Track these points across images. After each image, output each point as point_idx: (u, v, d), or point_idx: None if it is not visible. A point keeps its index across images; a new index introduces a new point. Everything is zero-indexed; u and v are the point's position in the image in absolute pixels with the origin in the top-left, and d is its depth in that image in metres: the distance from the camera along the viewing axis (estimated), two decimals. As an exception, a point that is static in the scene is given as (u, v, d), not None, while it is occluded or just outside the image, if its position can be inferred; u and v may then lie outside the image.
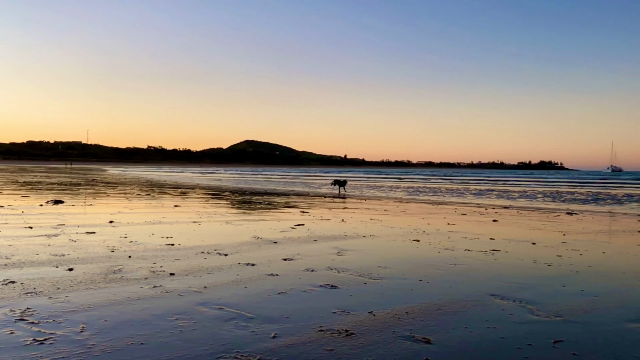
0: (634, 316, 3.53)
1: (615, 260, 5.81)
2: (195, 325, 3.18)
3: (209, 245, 6.19)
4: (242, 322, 3.27)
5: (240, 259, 5.36)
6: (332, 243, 6.69)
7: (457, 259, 5.71)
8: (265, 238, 6.97)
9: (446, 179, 52.31)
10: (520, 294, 4.13)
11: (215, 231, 7.73)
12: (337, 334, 3.07)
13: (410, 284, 4.40)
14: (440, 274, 4.86)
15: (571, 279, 4.73)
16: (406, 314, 3.51)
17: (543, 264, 5.47)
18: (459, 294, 4.08)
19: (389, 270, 4.96)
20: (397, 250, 6.30)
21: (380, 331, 3.14)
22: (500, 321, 3.39)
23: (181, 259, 5.31)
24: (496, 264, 5.45)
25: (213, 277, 4.48)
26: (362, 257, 5.72)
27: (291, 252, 5.91)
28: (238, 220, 9.45)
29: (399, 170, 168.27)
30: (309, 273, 4.77)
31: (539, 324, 3.33)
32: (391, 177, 57.76)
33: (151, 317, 3.31)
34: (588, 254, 6.19)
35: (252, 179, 45.03)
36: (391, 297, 3.95)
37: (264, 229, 8.00)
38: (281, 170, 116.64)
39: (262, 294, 3.98)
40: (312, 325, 3.23)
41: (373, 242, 6.90)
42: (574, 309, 3.70)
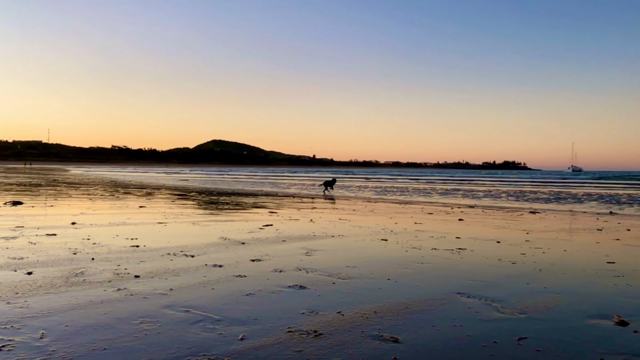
0: (593, 312, 3.63)
1: (576, 258, 5.97)
2: (160, 328, 3.11)
3: (175, 247, 6.08)
4: (209, 324, 3.21)
5: (207, 260, 5.28)
6: (300, 243, 6.67)
7: (424, 257, 5.77)
8: (232, 239, 6.90)
9: (413, 179, 52.96)
10: (486, 291, 4.19)
11: (182, 232, 7.60)
12: (306, 335, 3.06)
13: (378, 284, 4.42)
14: (408, 273, 4.90)
15: (534, 277, 4.84)
16: (375, 313, 3.52)
17: (507, 262, 5.58)
18: (427, 293, 4.12)
19: (358, 270, 4.97)
20: (365, 249, 6.33)
21: (349, 331, 3.14)
22: (466, 319, 3.43)
23: (146, 260, 5.20)
24: (462, 263, 5.53)
25: (179, 279, 4.40)
26: (331, 257, 5.72)
27: (259, 252, 5.86)
28: (205, 221, 9.33)
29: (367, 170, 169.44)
30: (278, 274, 4.74)
31: (504, 322, 3.39)
32: (359, 177, 58.11)
33: (115, 321, 3.22)
34: (550, 252, 6.34)
35: (219, 179, 44.58)
36: (360, 297, 3.95)
37: (232, 230, 7.92)
38: (249, 170, 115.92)
39: (229, 295, 3.93)
40: (281, 327, 3.20)
41: (342, 242, 6.91)
42: (538, 306, 3.78)
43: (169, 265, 5.00)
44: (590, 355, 2.79)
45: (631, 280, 4.73)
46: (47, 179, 31.25)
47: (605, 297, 4.10)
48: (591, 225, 10.04)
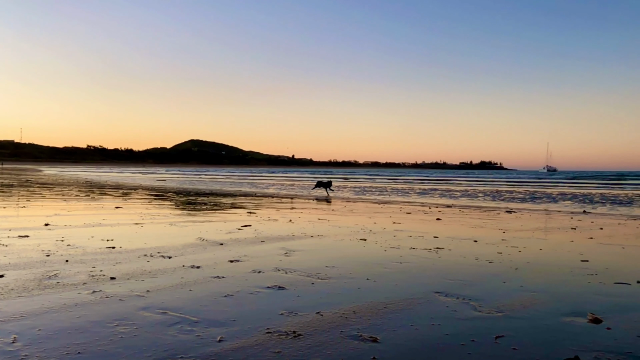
0: (568, 310, 3.69)
1: (551, 257, 6.07)
2: (137, 331, 3.05)
3: (152, 248, 6.00)
4: (186, 326, 3.17)
5: (185, 262, 5.22)
6: (279, 244, 6.64)
7: (402, 257, 5.80)
8: (210, 239, 6.83)
9: (391, 179, 53.28)
10: (464, 290, 4.23)
11: (159, 233, 7.51)
12: (285, 336, 3.04)
13: (357, 283, 4.43)
14: (387, 273, 4.91)
15: (511, 275, 4.90)
16: (354, 313, 3.52)
17: (484, 261, 5.64)
18: (405, 292, 4.14)
19: (337, 270, 4.97)
20: (344, 249, 6.33)
21: (328, 331, 3.13)
22: (444, 318, 3.45)
23: (122, 262, 5.11)
24: (440, 262, 5.57)
25: (156, 281, 4.34)
26: (310, 257, 5.71)
27: (238, 253, 5.82)
28: (182, 221, 9.22)
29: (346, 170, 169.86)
30: (256, 274, 4.70)
31: (482, 320, 3.42)
32: (338, 177, 58.21)
33: (89, 324, 3.16)
34: (526, 251, 6.44)
35: (197, 179, 44.19)
36: (339, 297, 3.95)
37: (210, 231, 7.84)
38: (227, 170, 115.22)
39: (207, 296, 3.88)
40: (259, 328, 3.17)
41: (321, 242, 6.90)
42: (514, 304, 3.83)
43: (145, 266, 4.93)
44: (565, 352, 2.83)
45: (604, 278, 4.83)
46: (20, 180, 30.57)
47: (580, 295, 4.18)
48: (565, 224, 10.22)
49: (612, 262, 5.74)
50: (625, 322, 3.41)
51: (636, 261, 5.84)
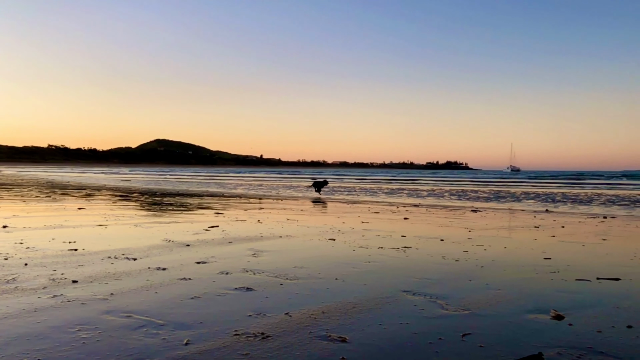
0: (532, 307, 3.77)
1: (515, 255, 6.20)
2: (100, 335, 2.97)
3: (116, 250, 5.86)
4: (152, 329, 3.10)
5: (151, 263, 5.11)
6: (247, 244, 6.58)
7: (371, 256, 5.83)
8: (177, 241, 6.72)
9: (360, 179, 53.61)
10: (431, 289, 4.27)
11: (124, 234, 7.34)
12: (253, 338, 3.00)
13: (326, 283, 4.42)
14: (356, 272, 4.93)
15: (477, 274, 4.98)
16: (322, 313, 3.51)
17: (451, 260, 5.72)
18: (374, 292, 4.15)
19: (306, 270, 4.96)
20: (313, 249, 6.32)
21: (297, 332, 3.11)
22: (412, 317, 3.48)
23: (85, 264, 4.97)
24: (408, 261, 5.62)
25: (120, 283, 4.23)
26: (279, 257, 5.67)
27: (205, 254, 5.74)
28: (148, 222, 9.05)
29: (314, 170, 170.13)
30: (224, 276, 4.65)
31: (449, 318, 3.46)
32: (307, 177, 58.22)
33: (50, 329, 3.05)
34: (491, 249, 6.56)
35: (163, 179, 43.50)
36: (307, 297, 3.93)
37: (176, 232, 7.72)
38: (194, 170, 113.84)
39: (174, 299, 3.81)
40: (227, 330, 3.13)
41: (289, 243, 6.87)
42: (480, 302, 3.89)
43: (109, 269, 4.80)
44: (529, 348, 2.89)
45: (566, 275, 4.96)
46: (-23, 180, 29.45)
47: (543, 292, 4.27)
48: (529, 222, 10.47)
49: (573, 259, 5.90)
50: (586, 317, 3.51)
51: (596, 258, 6.02)
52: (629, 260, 5.90)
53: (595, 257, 6.13)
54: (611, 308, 3.76)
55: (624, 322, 3.40)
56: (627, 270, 5.25)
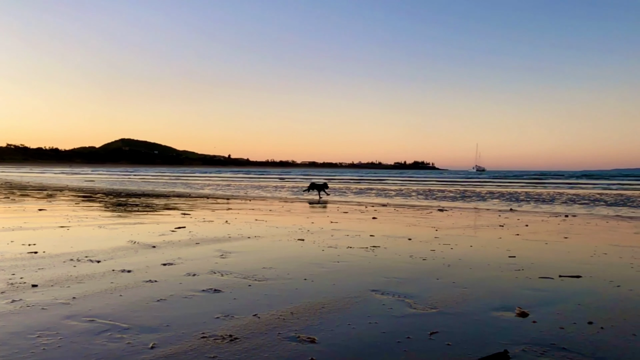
0: (497, 305, 3.84)
1: (481, 253, 6.31)
2: (61, 341, 2.87)
3: (78, 252, 5.69)
4: (116, 333, 3.02)
5: (115, 266, 4.99)
6: (215, 245, 6.50)
7: (340, 256, 5.83)
8: (142, 242, 6.58)
9: (328, 179, 53.74)
10: (399, 288, 4.30)
11: (87, 236, 7.15)
12: (221, 340, 2.96)
13: (295, 284, 4.40)
14: (325, 272, 4.92)
15: (444, 272, 5.04)
16: (291, 314, 3.49)
17: (419, 259, 5.77)
18: (343, 291, 4.16)
19: (274, 271, 4.92)
20: (282, 250, 6.29)
21: (265, 334, 3.08)
22: (381, 316, 3.49)
23: (46, 268, 4.81)
24: (376, 260, 5.65)
25: (83, 287, 4.11)
26: (247, 258, 5.62)
27: (171, 256, 5.64)
28: (112, 224, 8.84)
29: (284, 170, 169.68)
30: (191, 278, 4.57)
31: (417, 317, 3.49)
32: (275, 177, 58.02)
33: (8, 336, 2.93)
34: (458, 248, 6.66)
35: (128, 179, 42.65)
36: (276, 298, 3.90)
37: (142, 233, 7.56)
38: (160, 170, 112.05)
39: (139, 302, 3.72)
40: (194, 333, 3.08)
41: (258, 243, 6.82)
42: (447, 300, 3.94)
43: (71, 272, 4.66)
44: (495, 346, 2.94)
45: (530, 273, 5.07)
46: None
47: (508, 289, 4.36)
48: (494, 221, 10.68)
49: (536, 257, 6.04)
50: (549, 314, 3.59)
51: (558, 256, 6.18)
52: (589, 257, 6.08)
53: (557, 255, 6.29)
54: (573, 305, 3.86)
55: (585, 318, 3.50)
56: (588, 267, 5.41)
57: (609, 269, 5.32)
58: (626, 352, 2.88)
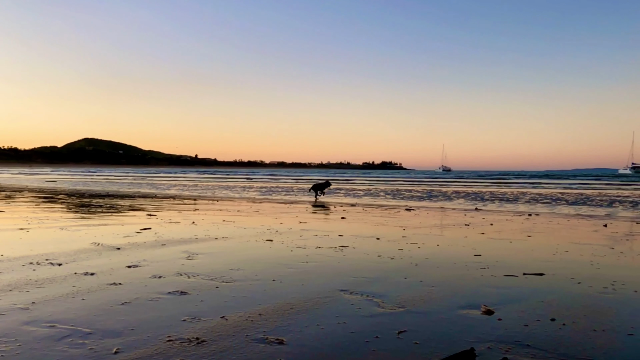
0: (464, 303, 3.89)
1: (447, 252, 6.40)
2: (20, 348, 2.77)
3: (39, 255, 5.51)
4: (78, 339, 2.93)
5: (77, 269, 4.85)
6: (181, 247, 6.39)
7: (308, 256, 5.82)
8: (106, 244, 6.42)
9: (298, 179, 53.67)
10: (367, 287, 4.32)
11: (48, 238, 6.93)
12: (187, 343, 2.91)
13: (263, 285, 4.36)
14: (293, 273, 4.90)
15: (411, 271, 5.09)
16: (259, 315, 3.46)
17: (387, 258, 5.81)
18: (311, 292, 4.14)
19: (242, 272, 4.87)
20: (250, 251, 6.24)
21: (233, 336, 3.05)
22: (349, 316, 3.50)
23: (4, 272, 4.64)
24: (345, 260, 5.66)
25: (44, 291, 3.98)
26: (214, 260, 5.55)
27: (136, 258, 5.52)
28: (75, 225, 8.60)
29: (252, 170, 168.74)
30: (157, 280, 4.48)
31: (385, 316, 3.50)
32: (243, 177, 57.63)
33: (-38, 343, 2.81)
34: (425, 247, 6.73)
35: (91, 180, 41.66)
36: (244, 300, 3.86)
37: (106, 235, 7.38)
38: (125, 170, 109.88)
39: (102, 305, 3.63)
40: (160, 336, 3.01)
41: (226, 244, 6.74)
42: (415, 299, 3.97)
43: (31, 275, 4.51)
44: (462, 344, 2.97)
45: (495, 271, 5.16)
46: None
47: (474, 288, 4.43)
48: (460, 220, 10.85)
49: (501, 255, 6.16)
50: (514, 312, 3.66)
51: (522, 254, 6.32)
52: (551, 255, 6.23)
53: (521, 253, 6.43)
54: (536, 302, 3.95)
55: (548, 315, 3.58)
56: (550, 265, 5.55)
57: (570, 267, 5.47)
58: (586, 347, 2.95)
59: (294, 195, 21.54)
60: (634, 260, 6.02)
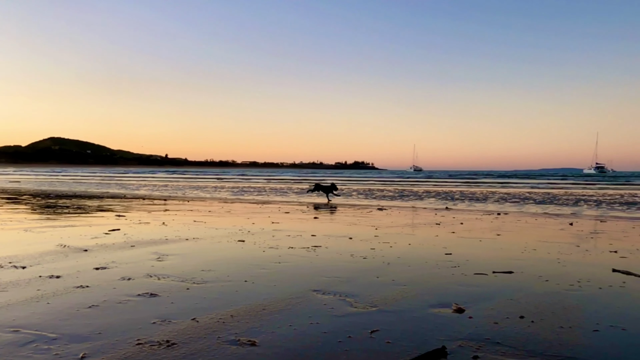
0: (435, 302, 3.93)
1: (419, 251, 6.46)
2: (-20, 354, 2.67)
3: (1, 258, 5.34)
4: (43, 344, 2.84)
5: (42, 271, 4.71)
6: (151, 248, 6.28)
7: (281, 257, 5.79)
8: (73, 246, 6.27)
9: (270, 179, 53.48)
10: (340, 287, 4.32)
11: (11, 240, 6.72)
12: (157, 346, 2.85)
13: (235, 286, 4.32)
14: (266, 274, 4.86)
15: (384, 270, 5.11)
16: (231, 317, 3.42)
17: (359, 257, 5.83)
18: (284, 292, 4.12)
19: (214, 273, 4.82)
20: (222, 252, 6.17)
21: (204, 338, 3.00)
22: (322, 316, 3.49)
23: (-36, 275, 4.47)
24: (318, 260, 5.65)
25: (6, 295, 3.85)
26: (185, 261, 5.47)
27: (104, 260, 5.40)
28: (40, 227, 8.37)
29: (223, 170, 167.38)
30: (126, 282, 4.39)
31: (357, 316, 3.51)
32: (214, 177, 57.10)
33: None
34: (397, 246, 6.78)
35: (58, 180, 40.66)
36: (216, 301, 3.82)
37: (73, 236, 7.20)
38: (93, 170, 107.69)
39: (68, 309, 3.53)
40: (129, 339, 2.95)
41: (197, 245, 6.66)
42: (387, 298, 3.99)
43: (-7, 279, 4.36)
44: (433, 342, 3.00)
45: (465, 269, 5.23)
46: None
47: (445, 286, 4.47)
48: (431, 219, 10.98)
49: (471, 254, 6.25)
50: (484, 310, 3.71)
51: (492, 253, 6.42)
52: (520, 253, 6.35)
53: (491, 251, 6.54)
54: (506, 300, 4.01)
55: (517, 312, 3.64)
56: (519, 263, 5.65)
57: (538, 264, 5.59)
58: (554, 343, 3.01)
59: (266, 196, 21.45)
60: (598, 257, 6.19)
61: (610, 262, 5.77)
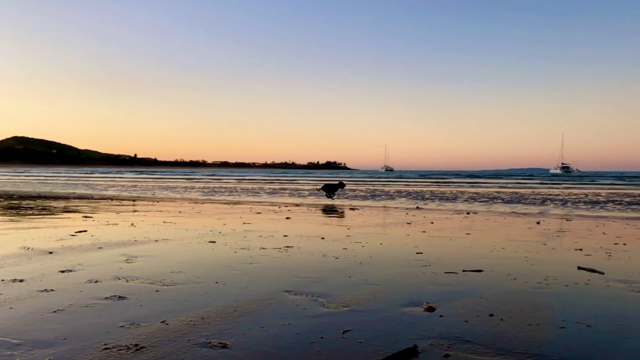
0: (406, 301, 3.95)
1: (390, 250, 6.50)
2: (-62, 362, 2.56)
3: (-39, 261, 5.15)
4: (5, 350, 2.75)
5: (4, 275, 4.56)
6: (120, 250, 6.16)
7: (252, 258, 5.75)
8: (37, 248, 6.09)
9: (241, 179, 53.15)
10: (312, 287, 4.31)
11: (-28, 243, 6.49)
12: (126, 350, 2.79)
13: (206, 288, 4.26)
14: (237, 275, 4.82)
15: (356, 270, 5.13)
16: (202, 319, 3.37)
17: (331, 257, 5.83)
18: (255, 294, 4.09)
19: (184, 275, 4.74)
20: (192, 253, 6.09)
21: (174, 341, 2.95)
22: (294, 317, 3.47)
23: None
24: (290, 260, 5.63)
25: (-34, 300, 3.71)
26: (155, 263, 5.37)
27: (70, 262, 5.26)
28: (2, 229, 8.11)
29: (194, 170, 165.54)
30: (93, 285, 4.28)
31: (329, 316, 3.50)
32: (184, 178, 56.44)
33: None
34: (369, 246, 6.81)
35: (21, 180, 39.55)
36: (186, 303, 3.76)
37: (37, 238, 6.99)
38: (58, 170, 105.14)
39: (32, 314, 3.42)
40: (96, 344, 2.87)
41: (166, 247, 6.55)
42: (359, 298, 4.00)
43: (-48, 283, 4.20)
44: (405, 341, 3.02)
45: (436, 268, 5.29)
46: None
47: (416, 285, 4.51)
48: (402, 219, 11.07)
49: (442, 253, 6.32)
50: (454, 308, 3.76)
51: (462, 251, 6.51)
52: (489, 252, 6.46)
53: (461, 250, 6.62)
54: (476, 298, 4.07)
55: (487, 311, 3.70)
56: (488, 261, 5.75)
57: (507, 263, 5.69)
58: (523, 341, 3.07)
59: (237, 196, 21.30)
60: (564, 255, 6.34)
61: (576, 260, 5.92)
